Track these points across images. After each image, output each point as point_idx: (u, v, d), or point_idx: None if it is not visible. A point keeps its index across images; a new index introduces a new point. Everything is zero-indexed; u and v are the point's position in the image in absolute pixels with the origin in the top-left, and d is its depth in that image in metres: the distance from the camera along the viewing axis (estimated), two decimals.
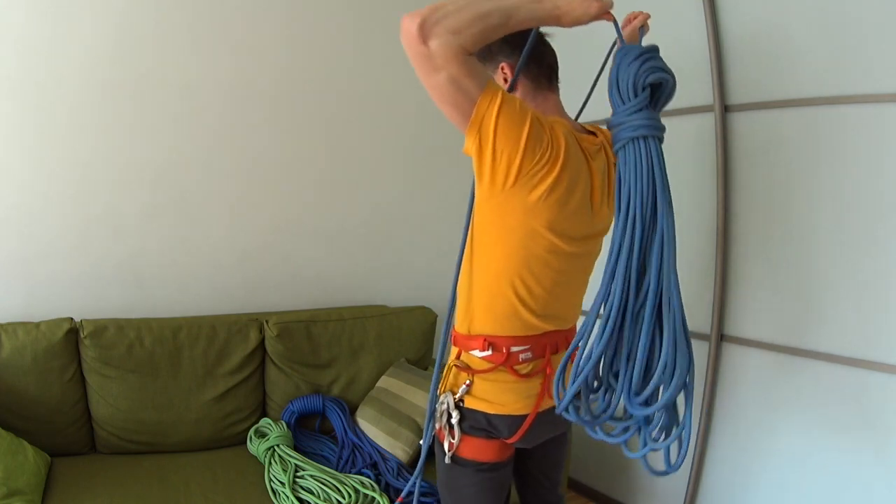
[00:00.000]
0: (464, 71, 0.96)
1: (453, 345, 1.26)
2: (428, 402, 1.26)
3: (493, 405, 1.20)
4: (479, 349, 1.19)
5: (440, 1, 0.95)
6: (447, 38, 0.93)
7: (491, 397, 1.20)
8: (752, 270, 1.90)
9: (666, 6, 2.04)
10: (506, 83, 1.18)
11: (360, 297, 2.57)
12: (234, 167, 2.28)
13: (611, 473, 2.36)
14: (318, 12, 2.39)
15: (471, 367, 1.21)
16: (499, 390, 1.20)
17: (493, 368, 1.19)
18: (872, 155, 1.61)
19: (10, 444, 1.61)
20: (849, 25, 1.62)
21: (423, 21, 0.92)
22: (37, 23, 1.93)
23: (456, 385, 1.22)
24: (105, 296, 2.10)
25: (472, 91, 0.98)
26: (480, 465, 1.23)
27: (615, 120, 1.06)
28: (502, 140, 1.00)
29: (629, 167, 1.03)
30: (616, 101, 1.07)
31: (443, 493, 1.32)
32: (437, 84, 0.97)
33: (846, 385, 1.69)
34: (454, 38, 0.93)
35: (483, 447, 1.23)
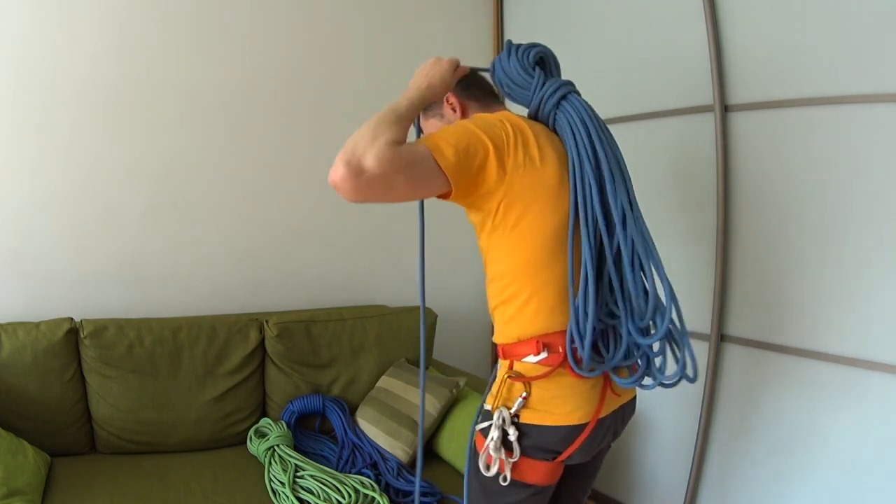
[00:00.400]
0: (406, 158, 1.00)
1: (502, 358, 1.19)
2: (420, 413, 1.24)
3: (553, 416, 1.13)
4: (534, 353, 1.14)
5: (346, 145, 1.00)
6: (373, 150, 0.97)
7: (551, 407, 1.13)
8: (752, 270, 1.90)
9: (666, 6, 2.05)
10: (455, 111, 1.30)
11: (360, 297, 2.57)
12: (234, 167, 2.28)
13: (611, 473, 2.36)
14: (321, 14, 2.40)
15: (525, 375, 1.14)
16: (559, 397, 1.14)
17: (550, 372, 1.13)
18: (872, 155, 1.61)
19: (10, 444, 1.61)
20: (849, 25, 1.62)
21: (346, 159, 0.96)
22: (38, 24, 1.93)
23: (511, 399, 1.14)
24: (105, 296, 2.10)
25: (427, 164, 1.03)
26: (535, 487, 1.17)
27: (534, 105, 1.19)
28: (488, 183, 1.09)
29: (567, 126, 1.15)
30: (522, 95, 1.21)
31: (474, 496, 1.23)
32: (402, 186, 1.01)
33: (847, 385, 1.69)
34: (376, 146, 0.98)
35: (541, 470, 1.16)
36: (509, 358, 1.17)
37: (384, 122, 1.04)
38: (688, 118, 2.02)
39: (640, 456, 2.28)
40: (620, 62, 2.23)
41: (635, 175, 1.28)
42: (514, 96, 1.24)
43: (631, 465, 2.31)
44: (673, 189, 2.08)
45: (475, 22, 2.76)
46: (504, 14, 2.76)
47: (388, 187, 1.00)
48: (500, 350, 1.20)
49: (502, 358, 1.19)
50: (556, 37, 2.48)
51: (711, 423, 2.02)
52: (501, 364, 1.20)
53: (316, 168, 2.43)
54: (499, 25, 2.77)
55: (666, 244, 1.39)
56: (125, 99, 2.07)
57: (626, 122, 2.21)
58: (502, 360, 1.20)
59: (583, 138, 1.14)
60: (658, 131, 2.12)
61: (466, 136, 1.07)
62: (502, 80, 1.25)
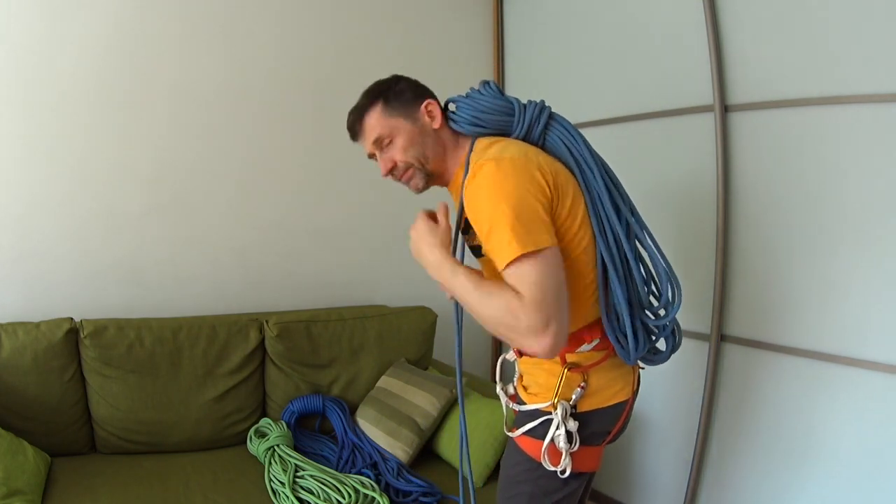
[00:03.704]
0: (553, 289, 1.03)
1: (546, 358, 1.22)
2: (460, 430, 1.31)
3: (606, 397, 1.21)
4: (587, 342, 1.19)
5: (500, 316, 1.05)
6: (552, 332, 1.02)
7: (604, 389, 1.21)
8: (752, 270, 1.90)
9: (666, 6, 2.05)
10: (431, 117, 1.26)
11: (360, 297, 2.57)
12: (235, 167, 2.28)
13: (611, 473, 2.36)
14: (320, 14, 2.40)
15: (582, 364, 1.19)
16: (612, 378, 1.22)
17: (608, 356, 1.21)
18: (872, 155, 1.61)
19: (10, 444, 1.61)
20: (849, 26, 1.62)
21: (547, 344, 1.02)
22: (38, 25, 1.93)
23: (569, 392, 1.18)
24: (105, 296, 2.10)
25: (552, 259, 1.06)
26: (585, 475, 1.22)
27: (523, 128, 1.22)
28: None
29: (562, 144, 1.21)
30: (497, 122, 1.23)
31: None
32: (564, 293, 1.07)
33: (846, 385, 1.69)
34: (529, 321, 1.02)
35: (595, 455, 1.23)
36: (560, 352, 1.20)
37: (481, 294, 1.08)
38: (688, 118, 2.02)
39: (640, 456, 2.28)
40: (620, 62, 2.23)
41: (635, 175, 1.30)
42: (485, 124, 1.23)
43: (631, 465, 2.31)
44: (673, 189, 2.08)
45: (475, 22, 2.76)
46: (504, 14, 2.77)
47: (564, 303, 1.05)
48: None
49: None
50: (555, 37, 2.48)
51: (711, 423, 2.02)
52: (547, 363, 1.22)
53: (316, 168, 2.44)
54: (499, 25, 2.77)
55: (666, 244, 1.38)
56: (125, 99, 2.07)
57: (626, 122, 2.21)
58: (546, 359, 1.21)
59: (582, 154, 1.21)
60: (658, 131, 2.12)
61: (526, 215, 1.06)
62: (470, 113, 1.23)
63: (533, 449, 1.21)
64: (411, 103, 1.26)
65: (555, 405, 1.17)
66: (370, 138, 1.26)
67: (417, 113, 1.25)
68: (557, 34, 2.47)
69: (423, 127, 1.25)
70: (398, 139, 1.24)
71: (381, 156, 1.28)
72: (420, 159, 1.25)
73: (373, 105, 1.26)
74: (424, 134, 1.25)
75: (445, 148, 1.27)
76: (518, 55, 2.72)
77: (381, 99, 1.25)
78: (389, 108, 1.25)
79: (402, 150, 1.24)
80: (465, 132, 1.25)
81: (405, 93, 1.26)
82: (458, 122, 1.25)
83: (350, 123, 1.30)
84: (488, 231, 1.07)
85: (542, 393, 1.22)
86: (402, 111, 1.25)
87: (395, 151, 1.25)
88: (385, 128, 1.25)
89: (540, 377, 1.23)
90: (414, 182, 1.29)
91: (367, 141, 1.27)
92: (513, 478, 1.26)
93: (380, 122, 1.25)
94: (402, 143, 1.24)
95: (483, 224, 1.08)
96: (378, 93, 1.26)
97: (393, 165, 1.26)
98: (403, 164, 1.25)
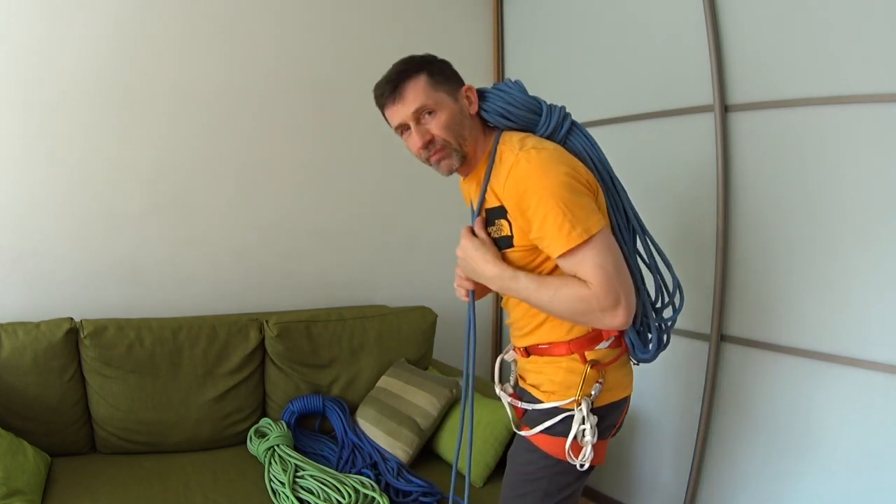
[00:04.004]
0: (616, 264, 1.13)
1: (564, 355, 1.24)
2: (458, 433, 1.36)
3: (618, 391, 1.27)
4: (605, 339, 1.23)
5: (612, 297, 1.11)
6: (614, 299, 1.11)
7: (617, 384, 1.26)
8: (752, 270, 1.90)
9: (666, 6, 2.05)
10: (470, 101, 1.25)
11: (360, 297, 2.57)
12: (234, 167, 2.28)
13: (611, 473, 2.36)
14: (320, 14, 2.40)
15: (601, 361, 1.23)
16: (623, 374, 1.28)
17: (623, 352, 1.27)
18: (872, 155, 1.61)
19: (10, 444, 1.61)
20: (849, 25, 1.62)
21: (623, 316, 1.11)
22: (38, 25, 1.93)
23: (588, 389, 1.21)
24: (105, 296, 2.10)
25: (607, 237, 1.15)
26: (593, 468, 1.25)
27: (551, 126, 1.23)
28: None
29: (581, 149, 1.24)
30: (524, 118, 1.24)
31: (529, 502, 1.27)
32: (623, 265, 1.16)
33: (846, 385, 1.69)
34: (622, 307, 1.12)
35: (604, 448, 1.27)
36: (577, 351, 1.23)
37: (547, 289, 1.15)
38: (688, 118, 2.02)
39: (640, 456, 2.28)
40: (620, 62, 2.23)
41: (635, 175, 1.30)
42: (513, 118, 1.24)
43: (631, 465, 2.30)
44: (673, 189, 2.08)
45: (475, 22, 2.76)
46: (504, 14, 2.77)
47: (627, 276, 1.14)
48: (567, 347, 1.24)
49: (566, 354, 1.24)
50: (555, 37, 2.48)
51: (711, 423, 2.02)
52: (570, 364, 1.23)
53: (316, 168, 2.44)
54: (499, 25, 2.77)
55: (666, 244, 1.39)
56: (125, 98, 2.07)
57: (626, 122, 2.21)
58: (565, 356, 1.24)
59: (602, 161, 1.26)
60: (658, 131, 2.12)
61: (577, 201, 1.12)
62: (501, 105, 1.24)
63: (553, 446, 1.22)
64: (453, 82, 1.24)
65: (579, 401, 1.20)
66: (412, 105, 1.19)
67: (458, 93, 1.23)
68: (557, 34, 2.47)
69: (462, 109, 1.23)
70: (441, 114, 1.19)
71: (417, 127, 1.20)
72: (458, 139, 1.22)
73: (418, 73, 1.20)
74: (463, 115, 1.23)
75: (477, 135, 1.25)
76: (518, 55, 2.72)
77: (426, 70, 1.21)
78: (434, 81, 1.20)
79: (443, 127, 1.20)
80: (493, 123, 1.26)
81: (446, 70, 1.24)
82: (490, 112, 1.25)
83: (391, 85, 1.21)
84: (542, 219, 1.10)
85: (560, 391, 1.23)
86: (447, 87, 1.22)
87: (436, 126, 1.20)
88: (430, 99, 1.19)
89: (557, 375, 1.24)
90: (448, 162, 1.23)
91: (408, 108, 1.19)
92: (525, 476, 1.27)
93: (426, 91, 1.19)
94: (444, 119, 1.19)
95: (535, 212, 1.11)
96: (422, 63, 1.22)
97: (430, 139, 1.20)
98: (442, 140, 1.20)
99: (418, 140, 1.20)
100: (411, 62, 1.22)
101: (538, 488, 1.25)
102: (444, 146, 1.21)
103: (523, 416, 1.31)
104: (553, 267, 1.20)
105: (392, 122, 1.24)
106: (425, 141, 1.20)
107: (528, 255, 1.20)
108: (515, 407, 1.33)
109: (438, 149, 1.21)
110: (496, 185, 1.20)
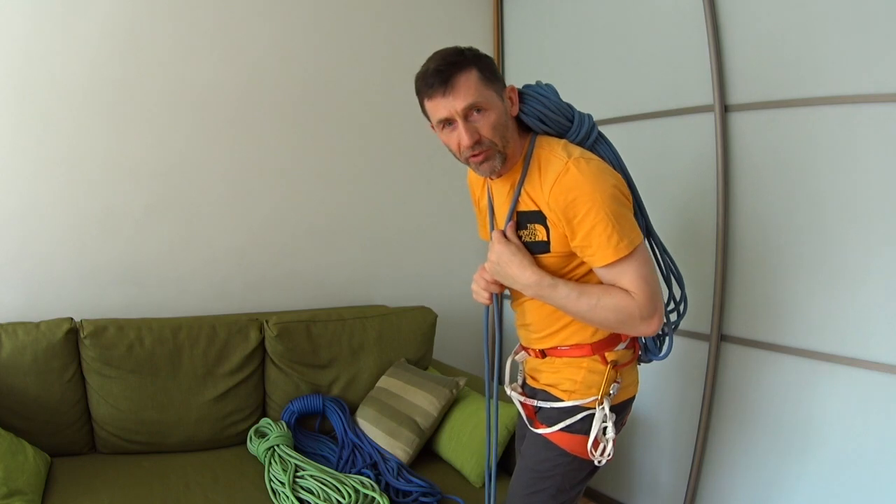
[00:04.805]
0: (652, 280, 1.17)
1: (587, 355, 1.26)
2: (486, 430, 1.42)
3: (631, 389, 1.33)
4: (622, 341, 1.28)
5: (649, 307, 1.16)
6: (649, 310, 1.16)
7: (630, 382, 1.32)
8: (752, 270, 1.90)
9: (666, 6, 2.05)
10: (512, 103, 1.22)
11: (360, 297, 2.57)
12: (234, 167, 2.28)
13: (611, 473, 2.36)
14: (320, 15, 2.40)
15: (620, 361, 1.28)
16: (635, 374, 1.35)
17: (636, 355, 1.32)
18: (872, 155, 1.61)
19: (10, 444, 1.61)
20: (849, 25, 1.61)
21: (655, 325, 1.17)
22: (38, 25, 1.93)
23: (608, 389, 1.25)
24: (105, 296, 2.10)
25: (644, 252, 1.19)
26: (601, 463, 1.29)
27: (583, 132, 1.24)
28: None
29: (609, 157, 1.26)
30: (558, 124, 1.24)
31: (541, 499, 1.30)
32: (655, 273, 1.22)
33: (846, 385, 1.69)
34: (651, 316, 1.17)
35: (615, 444, 1.29)
36: (598, 352, 1.26)
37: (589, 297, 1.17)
38: (688, 118, 2.02)
39: (640, 456, 2.28)
40: (620, 62, 2.23)
41: (635, 175, 1.30)
42: (548, 123, 1.23)
43: (631, 465, 2.30)
44: (673, 189, 2.08)
45: (475, 22, 2.76)
46: (504, 14, 2.76)
47: (660, 287, 1.20)
48: (588, 349, 1.27)
49: (588, 355, 1.26)
50: (555, 37, 2.48)
51: (711, 423, 2.02)
52: (591, 365, 1.26)
53: (316, 168, 2.44)
54: (499, 25, 2.76)
55: (666, 244, 1.40)
56: (125, 99, 2.07)
57: (626, 122, 2.21)
58: (587, 357, 1.26)
59: (622, 168, 1.27)
60: (658, 131, 2.12)
61: (623, 214, 1.15)
62: (539, 109, 1.22)
63: (572, 443, 1.25)
64: (500, 81, 1.19)
65: (601, 400, 1.23)
66: (464, 101, 1.12)
67: (503, 93, 1.19)
68: (557, 34, 2.47)
69: (506, 109, 1.20)
70: (491, 112, 1.14)
71: (465, 124, 1.14)
72: (503, 141, 1.17)
73: (470, 67, 1.13)
74: (507, 117, 1.20)
75: (516, 137, 1.23)
76: (518, 55, 2.71)
77: (477, 65, 1.14)
78: (485, 78, 1.14)
79: (491, 127, 1.15)
80: (531, 126, 1.24)
81: (494, 68, 1.17)
82: (528, 114, 1.22)
83: (441, 77, 1.12)
84: (590, 228, 1.12)
85: (581, 390, 1.26)
86: (496, 86, 1.16)
87: (485, 125, 1.14)
88: (482, 96, 1.13)
89: (577, 375, 1.27)
90: (491, 164, 1.18)
91: (459, 103, 1.12)
92: (540, 473, 1.29)
93: (478, 87, 1.13)
94: (494, 119, 1.15)
95: (583, 221, 1.13)
96: (474, 58, 1.14)
97: (479, 138, 1.15)
98: (489, 141, 1.15)
99: (467, 138, 1.14)
100: (464, 54, 1.14)
101: (552, 485, 1.28)
102: (490, 147, 1.16)
103: (535, 414, 1.32)
104: (584, 273, 1.22)
105: (435, 115, 1.16)
106: (475, 139, 1.14)
107: (563, 261, 1.20)
108: (525, 406, 1.34)
109: (485, 149, 1.16)
110: (532, 189, 1.19)
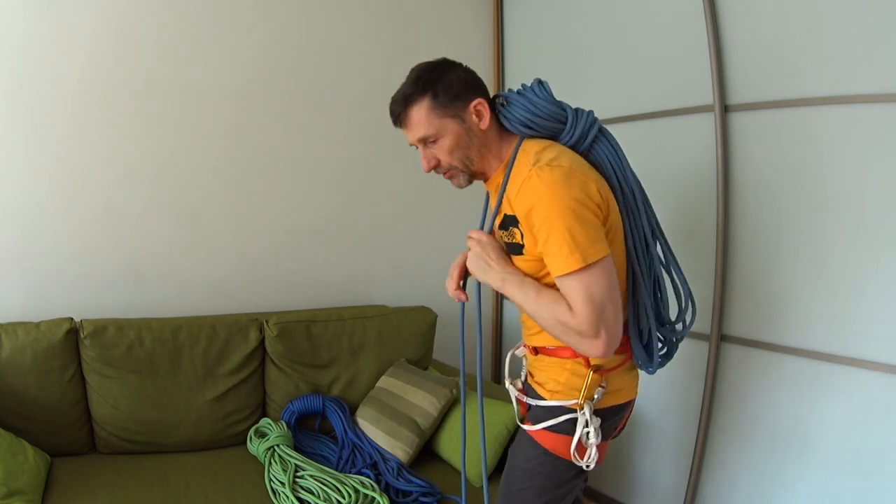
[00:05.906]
0: (609, 296, 1.10)
1: (569, 357, 1.25)
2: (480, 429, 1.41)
3: (621, 394, 1.28)
4: None
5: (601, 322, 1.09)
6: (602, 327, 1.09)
7: (621, 387, 1.28)
8: (752, 270, 1.90)
9: (666, 6, 2.05)
10: (479, 118, 1.22)
11: (360, 297, 2.57)
12: (234, 168, 2.28)
13: (611, 473, 2.36)
14: (320, 14, 2.40)
15: (605, 367, 1.24)
16: (627, 379, 1.30)
17: (627, 360, 1.27)
18: (872, 155, 1.60)
19: (10, 444, 1.61)
20: (849, 25, 1.61)
21: (603, 346, 1.09)
22: (37, 24, 1.93)
23: (591, 392, 1.23)
24: (105, 296, 2.10)
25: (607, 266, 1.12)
26: (589, 467, 1.27)
27: (576, 136, 1.22)
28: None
29: (606, 160, 1.23)
30: (550, 127, 1.22)
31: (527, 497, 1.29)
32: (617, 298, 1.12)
33: (846, 385, 1.69)
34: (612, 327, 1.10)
35: (605, 449, 1.28)
36: (581, 355, 1.23)
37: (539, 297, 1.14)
38: (688, 118, 2.02)
39: (640, 456, 2.28)
40: (620, 62, 2.23)
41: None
42: (537, 128, 1.22)
43: (631, 465, 2.30)
44: (673, 189, 2.08)
45: (475, 22, 2.76)
46: (504, 14, 2.76)
47: (616, 309, 1.10)
48: (570, 350, 1.24)
49: (572, 357, 1.24)
50: (555, 37, 2.48)
51: (711, 423, 2.02)
52: (573, 367, 1.25)
53: (316, 168, 2.44)
54: (499, 25, 2.76)
55: None
56: (125, 99, 2.07)
57: (626, 122, 2.21)
58: (571, 359, 1.24)
59: (625, 173, 1.24)
60: (658, 131, 2.12)
61: (579, 227, 1.09)
62: (524, 114, 1.21)
63: (555, 443, 1.24)
64: (460, 100, 1.20)
65: (581, 405, 1.21)
66: (415, 134, 1.23)
67: (465, 112, 1.21)
68: (557, 34, 2.47)
69: (469, 128, 1.22)
70: (444, 140, 1.21)
71: (423, 151, 1.24)
72: (464, 161, 1.23)
73: (421, 97, 1.19)
74: (471, 135, 1.22)
75: (490, 146, 1.24)
76: (518, 55, 2.71)
77: (430, 93, 1.19)
78: (438, 106, 1.19)
79: (447, 152, 1.22)
80: (516, 132, 1.24)
81: (454, 87, 1.20)
82: (511, 121, 1.23)
83: (395, 113, 1.24)
84: (546, 238, 1.10)
85: (564, 391, 1.24)
86: (451, 110, 1.20)
87: (440, 151, 1.22)
88: (431, 128, 1.20)
89: (561, 376, 1.25)
90: (457, 181, 1.29)
91: (412, 136, 1.24)
92: (527, 471, 1.28)
93: (427, 119, 1.20)
94: (448, 145, 1.21)
95: (540, 230, 1.11)
96: (427, 84, 1.19)
97: (436, 164, 1.25)
98: (447, 164, 1.24)
99: (424, 164, 1.25)
100: (417, 84, 1.20)
101: (535, 484, 1.27)
102: (450, 168, 1.25)
103: (528, 412, 1.32)
104: None
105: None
106: (431, 166, 1.25)
107: (537, 264, 1.19)
108: (521, 402, 1.35)
109: (445, 171, 1.26)
110: (511, 194, 1.19)
